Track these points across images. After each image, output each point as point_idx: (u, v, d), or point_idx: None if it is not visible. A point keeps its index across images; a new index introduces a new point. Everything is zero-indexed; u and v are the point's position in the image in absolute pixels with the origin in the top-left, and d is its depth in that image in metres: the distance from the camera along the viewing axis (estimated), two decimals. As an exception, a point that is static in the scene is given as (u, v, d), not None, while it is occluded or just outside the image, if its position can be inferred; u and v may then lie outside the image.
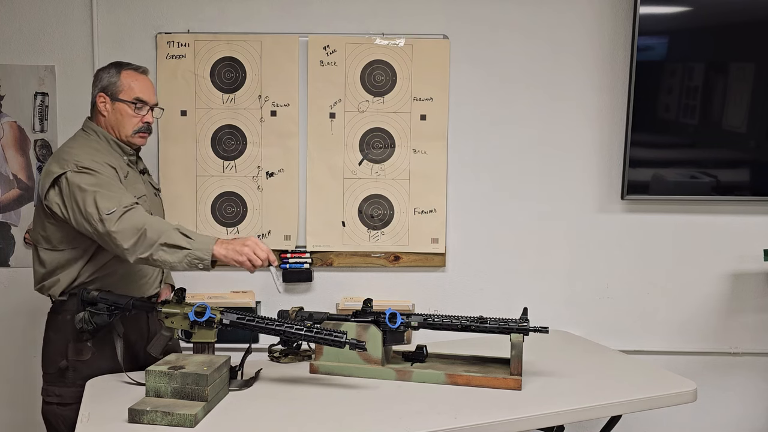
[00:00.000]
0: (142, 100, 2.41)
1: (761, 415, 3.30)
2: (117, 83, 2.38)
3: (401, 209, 3.13)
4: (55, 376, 2.35)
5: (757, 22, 3.02)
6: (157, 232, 2.12)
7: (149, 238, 2.11)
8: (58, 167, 2.25)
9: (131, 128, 2.40)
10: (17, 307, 3.15)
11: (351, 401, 2.11)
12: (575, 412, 2.12)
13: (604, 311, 3.22)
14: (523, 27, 3.08)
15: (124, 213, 2.14)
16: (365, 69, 3.07)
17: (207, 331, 2.21)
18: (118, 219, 2.13)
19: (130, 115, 2.39)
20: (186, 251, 2.12)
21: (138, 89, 2.40)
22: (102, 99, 2.38)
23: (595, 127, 3.14)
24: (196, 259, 2.12)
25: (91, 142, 2.38)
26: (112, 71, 2.40)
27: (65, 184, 2.22)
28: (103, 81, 2.39)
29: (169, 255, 2.12)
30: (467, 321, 2.31)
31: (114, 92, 2.38)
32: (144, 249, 2.12)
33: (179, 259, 2.12)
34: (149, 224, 2.13)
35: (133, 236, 2.12)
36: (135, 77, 2.41)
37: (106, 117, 2.39)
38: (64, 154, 2.31)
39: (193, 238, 2.14)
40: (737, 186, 3.16)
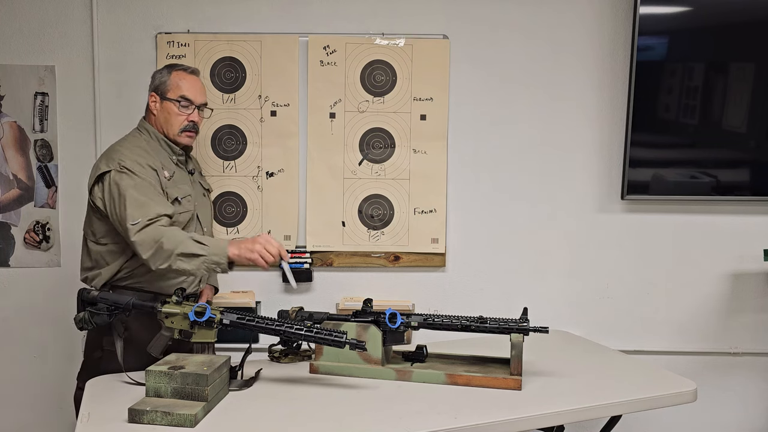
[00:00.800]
0: (188, 98, 2.50)
1: (761, 415, 3.30)
2: (166, 83, 2.49)
3: (401, 209, 3.13)
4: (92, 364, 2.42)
5: (757, 22, 3.02)
6: (173, 243, 2.22)
7: (166, 250, 2.22)
8: (104, 164, 2.38)
9: (178, 127, 2.50)
10: (17, 307, 3.16)
11: (351, 401, 2.11)
12: (575, 412, 2.12)
13: (604, 311, 3.22)
14: (523, 27, 3.08)
15: (146, 225, 2.25)
16: (365, 69, 3.07)
17: (207, 331, 2.21)
18: (139, 230, 2.25)
19: (176, 113, 2.49)
20: (202, 258, 2.23)
21: (185, 88, 2.50)
22: (153, 98, 2.51)
23: (595, 127, 3.14)
24: (213, 264, 2.24)
25: (140, 141, 2.49)
26: (164, 72, 2.52)
27: (108, 182, 2.34)
28: (155, 81, 2.52)
29: (187, 263, 2.23)
30: (467, 321, 2.31)
31: (163, 91, 2.49)
32: (162, 260, 2.23)
33: (197, 266, 2.24)
34: (166, 236, 2.23)
35: (150, 248, 2.23)
36: (183, 77, 2.52)
37: (156, 116, 2.51)
38: (112, 152, 2.42)
39: (207, 244, 2.25)
40: (737, 186, 3.16)
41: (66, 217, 3.09)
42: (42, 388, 3.18)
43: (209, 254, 2.24)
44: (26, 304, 3.15)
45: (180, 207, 2.47)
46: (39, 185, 3.10)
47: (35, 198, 3.10)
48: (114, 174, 2.34)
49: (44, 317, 3.14)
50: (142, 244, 2.24)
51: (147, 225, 2.25)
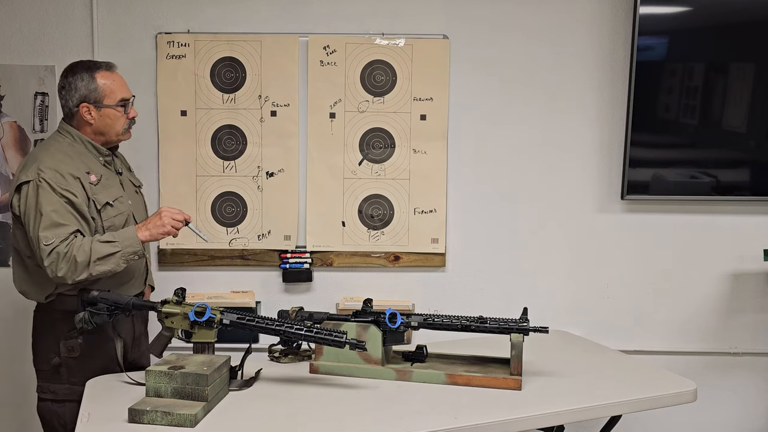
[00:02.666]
0: (125, 98, 2.42)
1: (761, 415, 3.30)
2: (97, 90, 2.36)
3: (401, 209, 3.13)
4: (49, 374, 2.38)
5: (757, 22, 3.02)
6: (85, 253, 2.21)
7: (81, 262, 2.20)
8: (23, 174, 2.28)
9: (121, 128, 2.43)
10: (17, 307, 3.15)
11: (351, 401, 2.12)
12: (575, 412, 2.12)
13: (604, 311, 3.22)
14: (523, 27, 3.08)
15: (57, 246, 2.20)
16: (365, 69, 3.07)
17: (207, 331, 2.21)
18: (50, 251, 2.20)
19: (118, 116, 2.41)
20: (118, 253, 2.25)
21: (118, 90, 2.40)
22: (86, 109, 2.36)
23: (595, 127, 3.14)
24: (131, 255, 2.28)
25: (63, 146, 2.37)
26: (86, 77, 2.35)
27: (25, 193, 2.25)
28: (81, 90, 2.35)
29: (106, 265, 2.23)
30: (467, 321, 2.31)
31: (97, 99, 2.36)
32: (80, 272, 2.21)
33: (116, 263, 2.25)
34: (75, 249, 2.20)
35: (64, 265, 2.20)
36: (110, 77, 2.39)
37: (94, 124, 2.39)
38: (32, 160, 2.32)
39: (116, 239, 2.26)
40: (737, 186, 3.16)
41: (66, 217, 3.09)
42: (42, 388, 3.18)
43: (123, 247, 2.26)
44: (26, 304, 3.14)
45: (113, 210, 2.39)
46: (39, 185, 3.10)
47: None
48: (32, 185, 2.24)
49: (44, 317, 3.14)
50: (55, 264, 2.20)
51: (58, 245, 2.20)
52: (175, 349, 2.38)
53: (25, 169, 2.29)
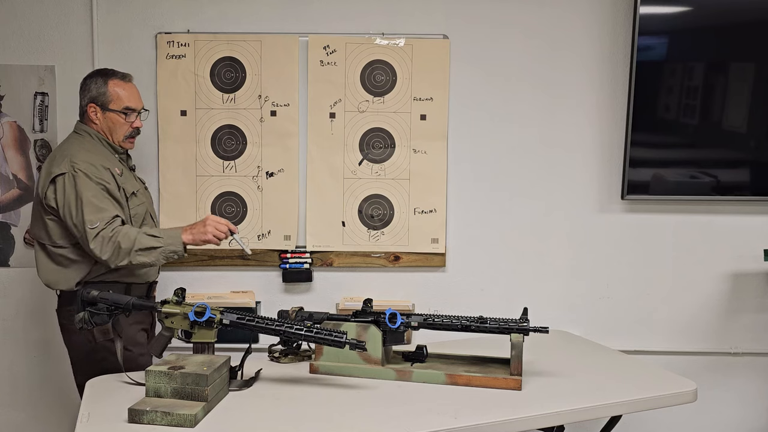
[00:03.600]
0: (131, 108, 2.56)
1: (761, 415, 3.30)
2: (105, 94, 2.53)
3: (401, 209, 3.13)
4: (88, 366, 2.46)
5: (757, 22, 3.02)
6: (129, 241, 2.35)
7: (124, 249, 2.35)
8: (56, 167, 2.42)
9: (122, 134, 2.57)
10: (17, 307, 3.16)
11: (351, 401, 2.12)
12: (575, 412, 2.12)
13: (604, 311, 3.22)
14: (523, 27, 3.08)
15: (103, 228, 2.35)
16: (365, 69, 3.07)
17: (207, 331, 2.21)
18: (97, 234, 2.35)
19: (121, 123, 2.56)
20: (159, 249, 2.39)
21: (126, 98, 2.55)
22: (92, 109, 2.53)
23: (595, 127, 3.13)
24: (171, 253, 2.41)
25: (85, 143, 2.53)
26: (99, 81, 2.54)
27: (62, 184, 2.40)
28: (92, 92, 2.53)
29: (146, 257, 2.38)
30: (467, 321, 2.31)
31: (104, 102, 2.53)
32: (122, 258, 2.36)
33: (156, 258, 2.40)
34: (121, 236, 2.35)
35: (109, 249, 2.35)
36: (122, 86, 2.55)
37: (98, 125, 2.55)
38: (62, 154, 2.46)
39: (160, 236, 2.41)
40: (737, 186, 3.16)
41: (66, 217, 3.09)
42: (42, 388, 3.18)
43: (165, 244, 2.40)
44: (26, 304, 3.15)
45: (136, 200, 2.56)
46: (39, 185, 3.10)
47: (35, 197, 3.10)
48: (68, 177, 2.39)
49: (44, 317, 3.14)
50: (100, 246, 2.34)
51: (103, 228, 2.35)
52: (175, 349, 2.38)
53: (57, 163, 2.43)
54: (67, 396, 3.13)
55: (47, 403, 3.18)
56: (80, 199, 2.37)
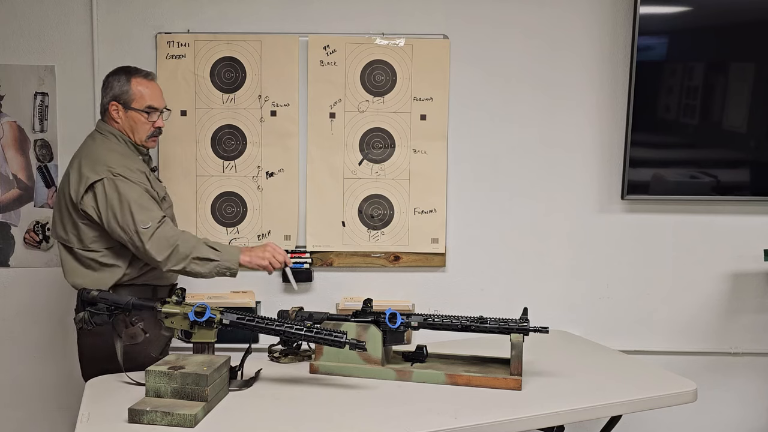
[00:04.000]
0: (154, 107, 2.51)
1: (761, 415, 3.30)
2: (128, 92, 2.47)
3: (401, 209, 3.13)
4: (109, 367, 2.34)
5: (757, 22, 3.02)
6: (188, 246, 2.32)
7: (182, 253, 2.31)
8: (92, 173, 2.36)
9: (145, 134, 2.52)
10: (17, 307, 3.15)
11: (351, 401, 2.11)
12: (575, 412, 2.12)
13: (604, 311, 3.22)
14: (523, 27, 3.08)
15: (158, 228, 2.32)
16: (365, 69, 3.07)
17: (207, 331, 2.21)
18: (152, 234, 2.31)
19: (143, 122, 2.50)
20: (216, 262, 2.36)
21: (149, 97, 2.50)
22: (114, 107, 2.47)
23: (595, 127, 3.13)
24: (225, 269, 2.38)
25: (112, 145, 2.47)
26: (122, 79, 2.48)
27: (101, 190, 2.34)
28: (114, 89, 2.47)
29: (201, 267, 2.35)
30: (467, 321, 2.31)
31: (126, 101, 2.47)
32: (176, 262, 2.32)
33: (209, 270, 2.36)
34: (181, 239, 2.33)
35: (166, 250, 2.31)
36: (145, 84, 2.50)
37: (120, 123, 2.49)
38: (94, 159, 2.40)
39: (219, 249, 2.38)
40: (737, 186, 3.16)
41: (66, 217, 3.09)
42: (42, 388, 3.18)
43: (222, 260, 2.36)
44: (26, 304, 3.15)
45: (165, 204, 2.53)
46: (39, 185, 3.10)
47: (35, 198, 3.10)
48: (108, 182, 2.34)
49: (44, 317, 3.14)
50: (157, 246, 2.30)
51: (159, 227, 2.32)
52: (175, 349, 2.38)
53: (91, 168, 2.37)
54: (67, 396, 3.13)
55: (47, 403, 3.18)
56: (126, 201, 2.32)
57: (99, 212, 2.35)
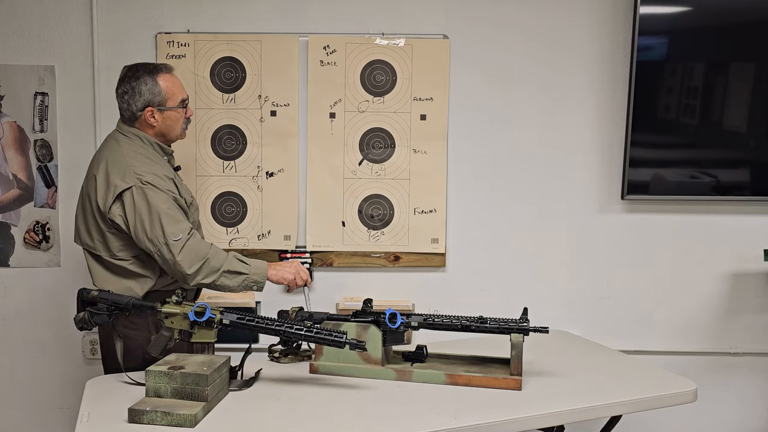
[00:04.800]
0: (185, 99, 2.47)
1: (761, 415, 3.30)
2: (161, 93, 2.39)
3: (401, 209, 3.13)
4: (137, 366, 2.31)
5: (757, 22, 3.02)
6: (219, 260, 2.30)
7: (213, 266, 2.29)
8: (121, 180, 2.29)
9: (180, 128, 2.48)
10: (17, 307, 3.15)
11: (351, 401, 2.12)
12: (575, 412, 2.12)
13: (604, 311, 3.22)
14: (523, 27, 3.08)
15: (187, 241, 2.28)
16: (365, 69, 3.07)
17: (207, 331, 2.21)
18: (183, 246, 2.27)
19: (178, 117, 2.45)
20: (244, 276, 2.34)
21: (178, 91, 2.45)
22: (150, 112, 2.38)
23: (595, 127, 3.13)
24: (252, 283, 2.36)
25: (138, 148, 2.39)
26: (149, 81, 2.37)
27: (130, 200, 2.28)
28: (145, 95, 2.37)
29: (230, 280, 2.33)
30: (467, 321, 2.31)
31: (161, 102, 2.39)
32: (206, 275, 2.29)
33: (238, 283, 2.34)
34: (211, 253, 2.30)
35: (197, 263, 2.28)
36: (171, 80, 2.44)
37: (157, 127, 2.41)
38: (122, 164, 2.32)
39: (248, 263, 2.36)
40: (737, 186, 3.16)
41: (66, 217, 3.09)
42: (42, 388, 3.18)
43: (251, 273, 2.35)
44: (26, 304, 3.15)
45: (192, 208, 2.48)
46: (39, 185, 3.10)
47: (35, 198, 3.10)
48: (136, 191, 2.27)
49: (44, 317, 3.14)
50: (186, 259, 2.26)
51: (188, 240, 2.28)
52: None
53: (118, 175, 2.30)
54: (67, 396, 3.13)
55: (47, 403, 3.18)
56: (156, 212, 2.26)
57: (127, 222, 2.29)
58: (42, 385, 3.18)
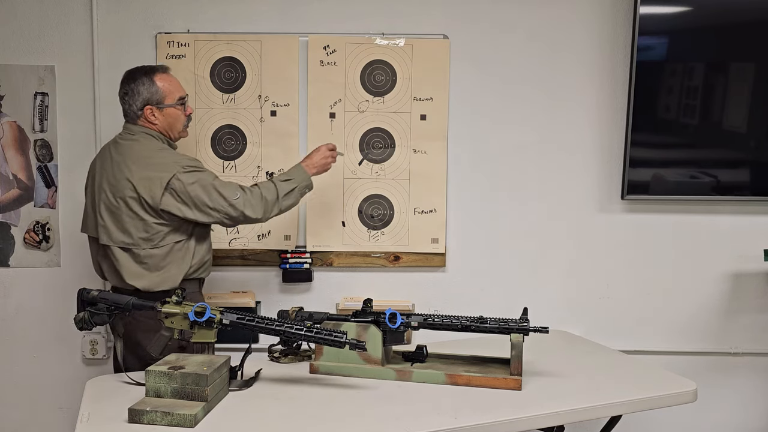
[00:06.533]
0: (183, 96, 2.57)
1: (761, 415, 3.30)
2: (158, 91, 2.51)
3: (401, 209, 3.13)
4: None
5: (757, 22, 3.02)
6: (272, 191, 2.52)
7: (271, 200, 2.51)
8: (163, 172, 2.41)
9: (181, 125, 2.59)
10: (17, 307, 3.16)
11: (351, 401, 2.12)
12: (575, 412, 2.12)
13: (604, 311, 3.22)
14: (523, 27, 3.08)
15: (244, 195, 2.48)
16: (365, 69, 3.07)
17: (207, 331, 2.21)
18: (244, 202, 2.47)
19: (178, 115, 2.56)
20: (297, 188, 2.57)
21: (176, 89, 2.56)
22: (150, 110, 2.50)
23: (595, 127, 3.13)
24: (305, 188, 2.61)
25: (157, 143, 2.52)
26: (146, 81, 2.50)
27: (180, 186, 2.41)
28: (143, 94, 2.49)
29: (289, 199, 2.56)
30: (467, 321, 2.31)
31: (159, 100, 2.51)
32: (271, 209, 2.52)
33: (296, 197, 2.58)
34: (263, 190, 2.51)
35: (260, 206, 2.50)
36: (167, 79, 2.55)
37: (158, 124, 2.53)
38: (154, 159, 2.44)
39: (292, 177, 2.59)
40: (737, 186, 3.16)
41: (66, 217, 3.09)
42: (42, 388, 3.18)
43: (299, 183, 2.58)
44: (26, 304, 3.15)
45: None
46: (39, 185, 3.10)
47: (35, 198, 3.10)
48: (183, 176, 2.41)
49: (44, 317, 3.14)
50: (252, 208, 2.47)
51: (244, 193, 2.48)
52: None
53: (159, 170, 2.41)
54: (67, 396, 3.13)
55: (47, 403, 3.18)
56: (209, 185, 2.43)
57: (185, 206, 2.42)
58: (42, 385, 3.18)
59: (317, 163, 2.67)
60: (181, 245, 2.50)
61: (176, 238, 2.48)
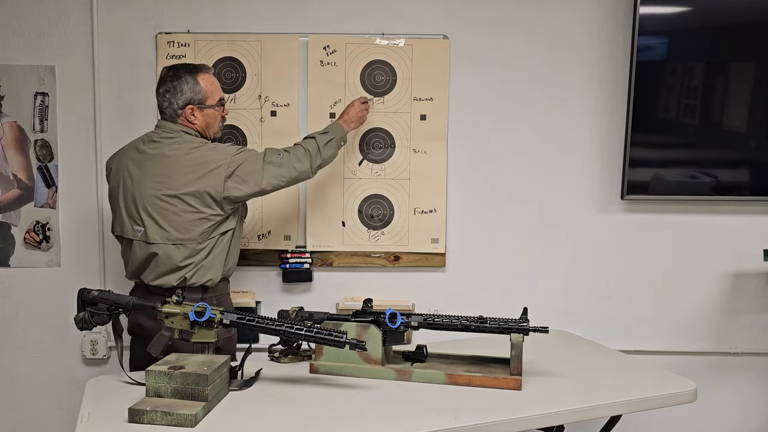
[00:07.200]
0: (222, 98, 2.59)
1: (761, 415, 3.30)
2: (201, 91, 2.51)
3: (401, 209, 3.13)
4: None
5: (757, 22, 3.02)
6: (313, 144, 2.61)
7: (313, 151, 2.59)
8: (216, 163, 2.44)
9: (218, 125, 2.62)
10: (17, 307, 3.16)
11: (351, 401, 2.12)
12: (575, 412, 2.12)
13: (604, 311, 3.22)
14: (523, 27, 3.08)
15: (287, 152, 2.57)
16: (365, 69, 3.07)
17: (207, 331, 2.21)
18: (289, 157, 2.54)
19: (216, 115, 2.58)
20: (334, 140, 2.67)
21: (216, 90, 2.57)
22: (191, 110, 2.50)
23: (595, 127, 3.14)
24: (340, 140, 2.71)
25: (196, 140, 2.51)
26: (190, 80, 2.49)
27: (237, 168, 2.46)
28: (186, 93, 2.48)
29: (329, 150, 2.65)
30: (467, 321, 2.32)
31: (201, 100, 2.51)
32: (317, 159, 2.60)
33: (334, 148, 2.67)
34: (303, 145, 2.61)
35: (306, 159, 2.58)
36: (210, 80, 2.56)
37: (197, 124, 2.53)
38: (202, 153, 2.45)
39: (328, 130, 2.69)
40: (737, 186, 3.16)
41: (66, 217, 3.09)
42: (42, 388, 3.18)
43: (336, 135, 2.68)
44: (26, 304, 3.15)
45: None
46: (39, 185, 3.10)
47: (35, 198, 3.10)
48: (234, 159, 2.46)
49: (44, 317, 3.14)
50: (298, 161, 2.55)
51: (287, 151, 2.56)
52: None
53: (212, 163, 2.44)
54: (67, 396, 3.13)
55: (47, 403, 3.19)
56: (258, 159, 2.49)
57: (245, 185, 2.46)
58: (42, 385, 3.18)
59: (354, 117, 2.81)
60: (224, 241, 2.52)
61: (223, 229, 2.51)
